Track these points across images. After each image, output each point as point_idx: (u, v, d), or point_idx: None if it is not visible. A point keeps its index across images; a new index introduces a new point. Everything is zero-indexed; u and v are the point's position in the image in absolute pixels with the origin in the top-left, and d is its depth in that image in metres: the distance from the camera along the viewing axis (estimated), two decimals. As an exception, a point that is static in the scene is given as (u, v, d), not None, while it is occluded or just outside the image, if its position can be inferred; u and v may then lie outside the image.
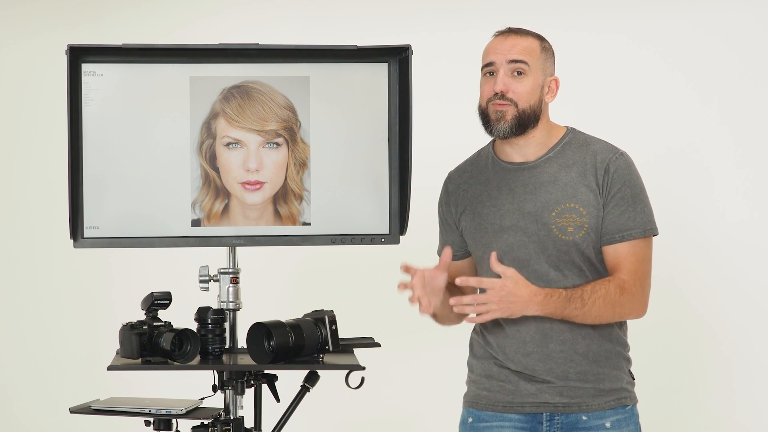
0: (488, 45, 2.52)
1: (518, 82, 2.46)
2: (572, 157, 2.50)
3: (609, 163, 2.46)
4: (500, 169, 2.54)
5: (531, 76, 2.47)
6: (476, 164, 2.60)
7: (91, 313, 4.19)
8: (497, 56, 2.47)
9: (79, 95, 2.77)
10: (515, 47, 2.47)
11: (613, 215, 2.45)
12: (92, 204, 2.78)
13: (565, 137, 2.53)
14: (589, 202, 2.45)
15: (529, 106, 2.46)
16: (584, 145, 2.51)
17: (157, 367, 2.63)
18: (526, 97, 2.46)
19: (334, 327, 2.69)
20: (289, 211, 2.84)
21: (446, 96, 4.04)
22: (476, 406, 2.54)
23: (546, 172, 2.49)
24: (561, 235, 2.44)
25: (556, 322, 2.44)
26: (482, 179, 2.56)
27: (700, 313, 3.97)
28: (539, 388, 2.47)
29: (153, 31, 4.14)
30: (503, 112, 2.45)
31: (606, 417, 2.47)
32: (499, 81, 2.45)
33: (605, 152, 2.49)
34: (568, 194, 2.46)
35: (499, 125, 2.46)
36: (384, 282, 4.00)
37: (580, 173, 2.47)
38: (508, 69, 2.46)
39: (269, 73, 2.82)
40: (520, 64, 2.46)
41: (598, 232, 2.45)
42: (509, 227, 2.48)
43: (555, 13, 4.04)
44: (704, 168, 3.99)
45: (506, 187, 2.51)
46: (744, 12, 3.97)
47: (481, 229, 2.51)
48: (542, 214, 2.46)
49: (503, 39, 2.49)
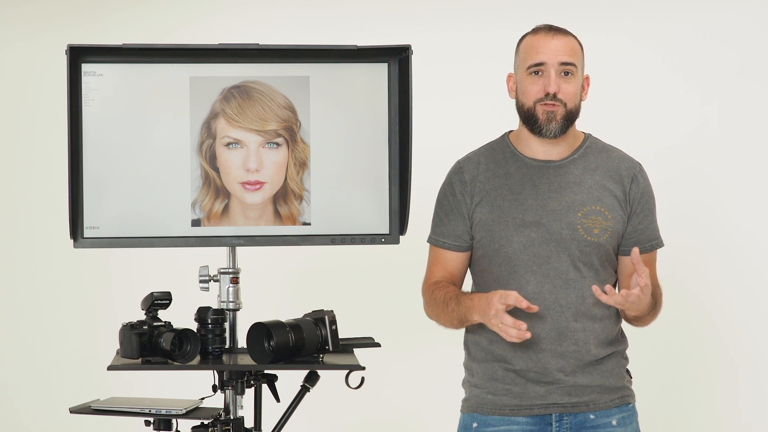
0: (531, 43, 2.50)
1: (567, 82, 2.47)
2: (594, 161, 2.53)
3: (636, 174, 2.54)
4: (522, 165, 2.54)
5: (577, 77, 2.50)
6: (493, 157, 2.58)
7: (91, 313, 4.19)
8: (548, 56, 2.46)
9: (79, 95, 2.77)
10: (564, 48, 2.48)
11: (643, 225, 2.53)
12: (92, 204, 2.78)
13: (586, 141, 2.57)
14: (614, 208, 2.50)
15: (575, 106, 2.50)
16: (604, 151, 2.56)
17: (157, 367, 2.63)
18: (573, 98, 2.48)
19: (334, 327, 2.69)
20: (289, 211, 2.84)
21: (446, 96, 4.04)
22: (481, 411, 2.53)
23: (571, 173, 2.51)
24: (586, 235, 2.46)
25: (571, 322, 2.46)
26: (501, 173, 2.54)
27: (705, 312, 3.98)
28: (548, 389, 2.47)
29: (153, 31, 4.14)
30: (554, 113, 2.46)
31: (612, 415, 2.50)
32: (553, 82, 2.45)
33: (629, 162, 2.56)
34: (593, 197, 2.49)
35: (550, 125, 2.47)
36: (384, 282, 4.02)
37: (604, 178, 2.52)
38: (558, 70, 2.46)
39: (269, 73, 2.82)
40: (570, 65, 2.47)
41: (619, 237, 2.51)
42: (531, 223, 2.48)
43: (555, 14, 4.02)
44: (704, 168, 3.99)
45: (529, 182, 2.51)
46: (744, 12, 3.98)
47: (500, 222, 2.50)
48: (567, 213, 2.47)
49: (549, 38, 2.49)
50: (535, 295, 2.45)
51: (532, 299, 2.44)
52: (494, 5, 4.08)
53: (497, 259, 2.50)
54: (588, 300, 2.45)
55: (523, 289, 2.46)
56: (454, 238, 2.55)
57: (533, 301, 2.43)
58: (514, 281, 2.48)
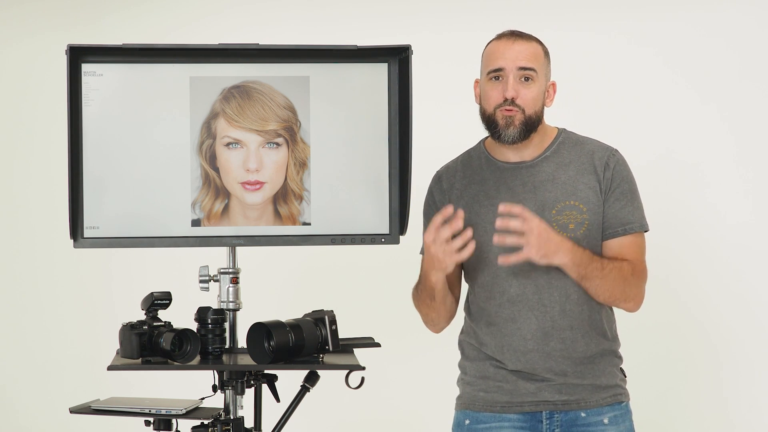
0: (492, 48, 2.52)
1: (526, 88, 2.47)
2: (568, 156, 2.53)
3: (608, 160, 2.51)
4: (496, 169, 2.55)
5: (537, 83, 2.49)
6: (468, 164, 2.60)
7: (91, 313, 4.19)
8: (506, 62, 2.47)
9: (79, 95, 2.77)
10: (523, 53, 2.47)
11: (614, 209, 2.49)
12: (92, 204, 2.78)
13: (559, 137, 2.57)
14: (589, 199, 2.48)
15: (534, 112, 2.49)
16: (578, 144, 2.55)
17: (157, 367, 2.63)
18: (532, 103, 2.48)
19: (334, 327, 2.69)
20: (289, 211, 2.84)
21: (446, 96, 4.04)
22: (473, 408, 2.55)
23: (544, 171, 2.52)
24: (562, 232, 2.46)
25: (557, 320, 2.46)
26: (478, 179, 2.56)
27: (695, 314, 3.98)
28: (538, 386, 2.48)
29: (153, 31, 4.14)
30: (512, 118, 2.47)
31: (603, 413, 2.50)
32: (510, 88, 2.46)
33: (602, 150, 2.54)
34: (567, 192, 2.49)
35: (508, 131, 2.47)
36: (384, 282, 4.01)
37: (578, 171, 2.51)
38: (517, 75, 2.47)
39: (269, 73, 2.82)
40: (529, 71, 2.47)
41: (599, 228, 2.49)
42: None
43: (555, 14, 4.04)
44: (703, 169, 3.99)
45: (504, 186, 2.52)
46: (744, 12, 3.97)
47: (480, 227, 2.51)
48: (542, 212, 2.47)
49: (510, 43, 2.49)
50: (519, 298, 2.47)
51: (516, 301, 2.47)
52: (494, 5, 4.08)
53: (480, 265, 2.52)
54: (572, 297, 2.46)
55: (507, 293, 2.48)
56: None
57: (517, 302, 2.46)
58: (498, 285, 2.50)
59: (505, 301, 2.48)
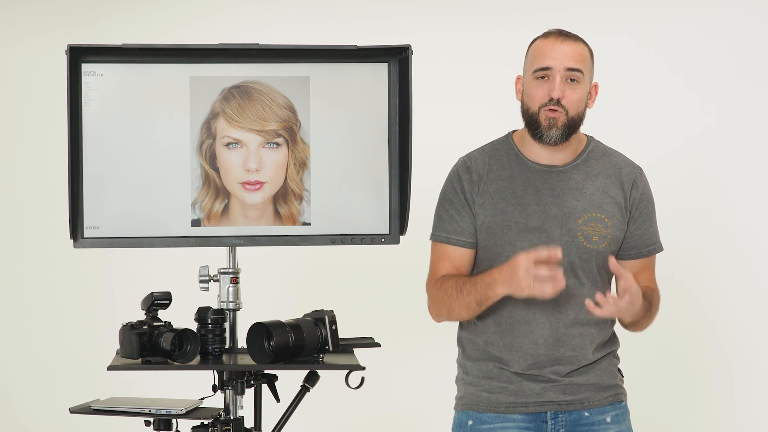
0: (539, 46, 2.48)
1: (572, 89, 2.44)
2: (596, 166, 2.52)
3: (636, 179, 2.53)
4: (526, 168, 2.52)
5: (583, 84, 2.46)
6: (496, 158, 2.55)
7: (91, 313, 4.20)
8: (554, 61, 2.43)
9: (79, 95, 2.77)
10: (571, 53, 2.44)
11: (641, 230, 2.52)
12: (92, 204, 2.78)
13: (589, 145, 2.55)
14: (614, 214, 2.49)
15: (578, 114, 2.46)
16: (606, 156, 2.55)
17: (157, 367, 2.63)
18: (576, 105, 2.45)
19: (334, 327, 2.69)
20: (289, 211, 2.84)
21: (446, 96, 4.05)
22: (477, 408, 2.53)
23: (573, 179, 2.50)
24: (586, 242, 2.46)
25: (569, 327, 2.47)
26: (505, 175, 2.52)
27: (703, 314, 3.98)
28: (544, 387, 2.48)
29: (153, 31, 4.14)
30: (555, 119, 2.44)
31: (606, 412, 2.51)
32: (557, 88, 2.42)
33: (629, 167, 2.55)
34: (594, 204, 2.49)
35: (551, 132, 2.45)
36: (384, 282, 4.02)
37: (606, 184, 2.51)
38: (564, 75, 2.44)
39: (269, 73, 2.82)
40: (576, 72, 2.44)
41: (618, 243, 2.51)
42: (534, 228, 2.47)
43: (555, 14, 4.04)
44: (704, 168, 3.99)
45: (532, 187, 2.50)
46: (744, 12, 3.98)
47: (504, 226, 2.48)
48: (568, 220, 2.47)
49: (558, 43, 2.45)
50: (535, 301, 2.45)
51: (532, 305, 2.45)
52: (494, 5, 4.08)
53: (498, 262, 2.48)
54: (586, 307, 2.45)
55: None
56: (468, 235, 2.52)
57: (533, 306, 2.45)
58: None
59: (521, 302, 2.46)
